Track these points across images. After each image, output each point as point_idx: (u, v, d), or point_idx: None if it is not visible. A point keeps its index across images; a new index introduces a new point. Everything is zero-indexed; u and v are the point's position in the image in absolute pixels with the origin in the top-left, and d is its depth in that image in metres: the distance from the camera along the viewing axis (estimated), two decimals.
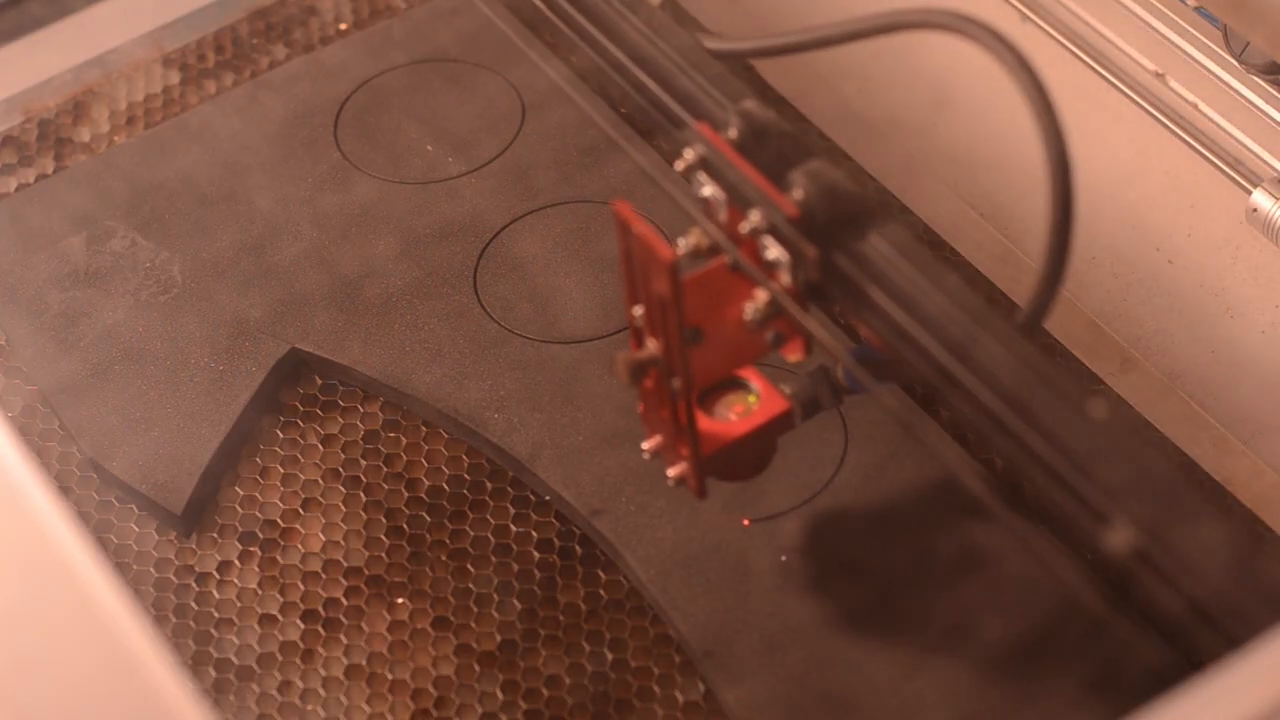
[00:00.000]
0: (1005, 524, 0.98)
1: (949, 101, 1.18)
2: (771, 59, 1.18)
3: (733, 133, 0.87)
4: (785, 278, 0.85)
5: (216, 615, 0.99)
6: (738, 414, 0.91)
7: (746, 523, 0.99)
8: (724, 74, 0.91)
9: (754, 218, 0.85)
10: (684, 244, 0.86)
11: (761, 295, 0.86)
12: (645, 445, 0.92)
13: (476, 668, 0.97)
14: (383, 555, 1.01)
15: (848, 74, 1.21)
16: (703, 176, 0.87)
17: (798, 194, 0.83)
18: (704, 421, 0.91)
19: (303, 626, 0.99)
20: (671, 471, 0.91)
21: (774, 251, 0.85)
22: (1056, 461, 0.79)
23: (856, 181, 1.15)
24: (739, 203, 0.86)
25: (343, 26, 1.25)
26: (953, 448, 1.01)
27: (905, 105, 1.20)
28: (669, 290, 0.83)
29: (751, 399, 0.92)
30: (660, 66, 0.93)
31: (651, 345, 0.87)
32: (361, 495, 1.03)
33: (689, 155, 0.87)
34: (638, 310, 0.87)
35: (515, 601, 0.99)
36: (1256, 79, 1.03)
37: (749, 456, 0.92)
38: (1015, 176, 1.15)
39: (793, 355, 0.89)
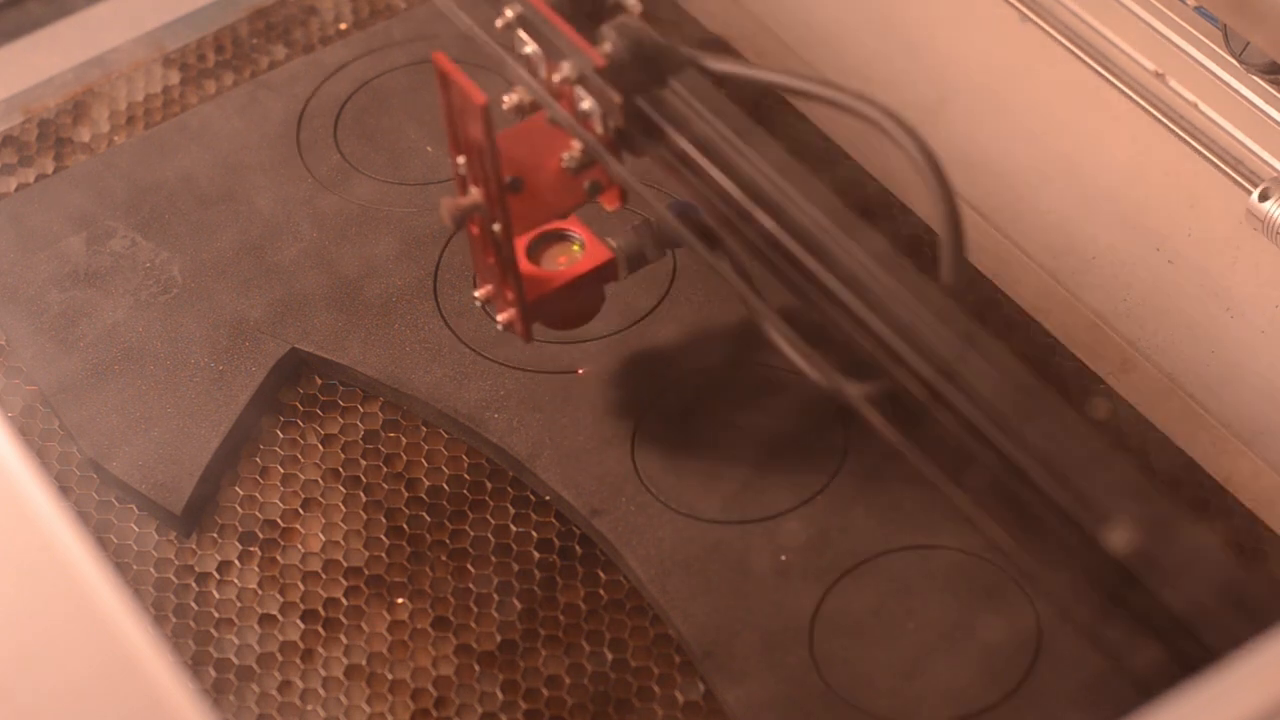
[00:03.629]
0: (1005, 523, 0.98)
1: (949, 102, 1.18)
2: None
3: None
4: (598, 127, 0.91)
5: (216, 615, 0.99)
6: (563, 264, 0.99)
7: (580, 371, 1.04)
8: None
9: (565, 69, 0.91)
10: (508, 100, 0.93)
11: (577, 144, 0.92)
12: (477, 293, 0.98)
13: (476, 668, 0.97)
14: (383, 555, 1.01)
15: (848, 74, 1.21)
16: (522, 34, 0.93)
17: (606, 47, 0.90)
18: (530, 269, 0.98)
19: (303, 626, 0.99)
20: (501, 317, 0.97)
21: (587, 102, 0.91)
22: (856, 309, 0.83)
23: (856, 178, 1.15)
24: (554, 57, 0.91)
25: (343, 26, 1.25)
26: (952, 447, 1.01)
27: (905, 105, 1.19)
28: (483, 133, 0.89)
29: (576, 248, 0.99)
30: None
31: (474, 192, 0.93)
32: (361, 495, 1.03)
33: (508, 14, 0.93)
34: (461, 160, 0.92)
35: (515, 601, 0.99)
36: (1256, 79, 1.03)
37: (574, 304, 0.99)
38: (1015, 177, 1.15)
39: (610, 204, 0.97)
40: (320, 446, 1.05)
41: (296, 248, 1.12)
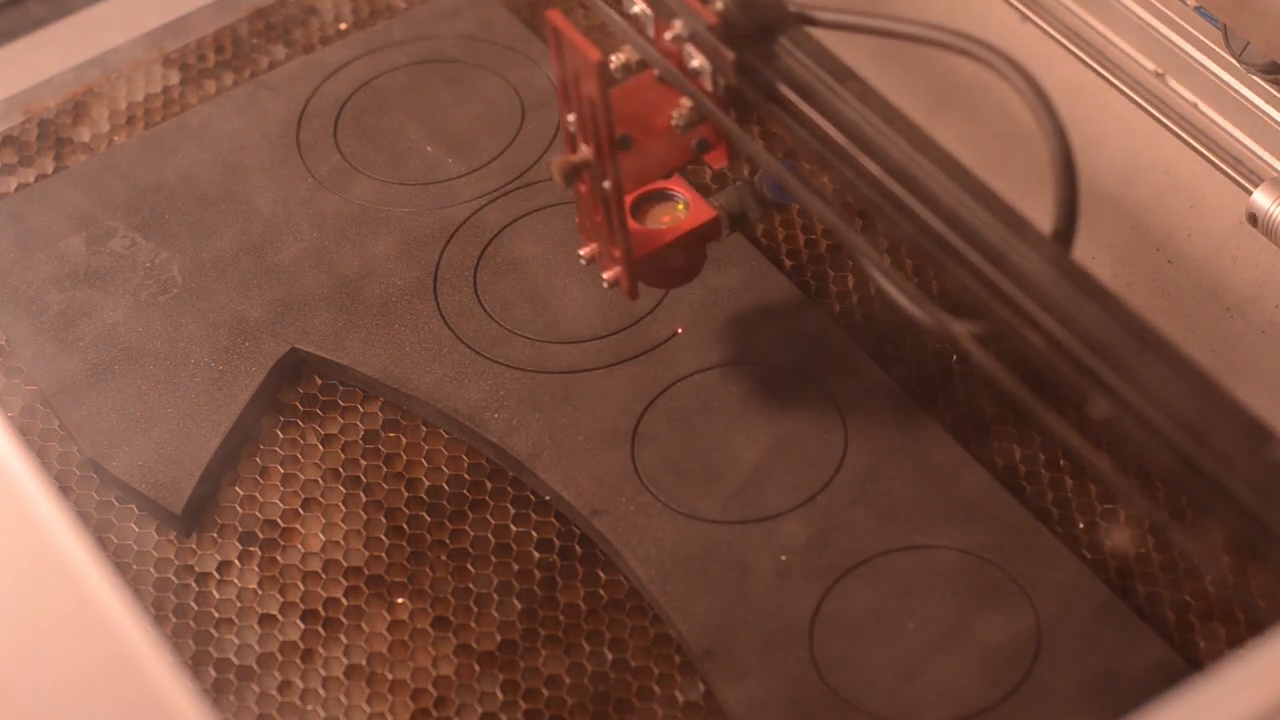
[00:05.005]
0: (1005, 524, 0.98)
1: (949, 102, 1.18)
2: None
3: None
4: (708, 85, 0.92)
5: (216, 615, 0.99)
6: (667, 223, 1.00)
7: (680, 330, 1.05)
8: None
9: (677, 26, 0.91)
10: (616, 60, 0.94)
11: (686, 102, 0.93)
12: (582, 252, 0.99)
13: (476, 668, 0.97)
14: (383, 555, 1.01)
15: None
16: None
17: (718, 4, 0.90)
18: (636, 226, 0.99)
19: (303, 626, 0.99)
20: (606, 275, 0.98)
21: (697, 60, 0.91)
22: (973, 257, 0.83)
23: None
24: (664, 15, 0.92)
25: (343, 26, 1.25)
26: (952, 447, 1.01)
27: (906, 105, 1.19)
28: (597, 90, 0.90)
29: (681, 208, 1.01)
30: None
31: (584, 150, 0.94)
32: (361, 495, 1.03)
33: None
34: (571, 117, 0.93)
35: (515, 601, 0.99)
36: (1256, 79, 1.03)
37: (679, 262, 1.00)
38: (1016, 176, 1.15)
39: (717, 162, 0.98)
40: (320, 446, 1.05)
41: (296, 248, 1.12)
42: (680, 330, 1.06)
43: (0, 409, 1.07)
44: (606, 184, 0.94)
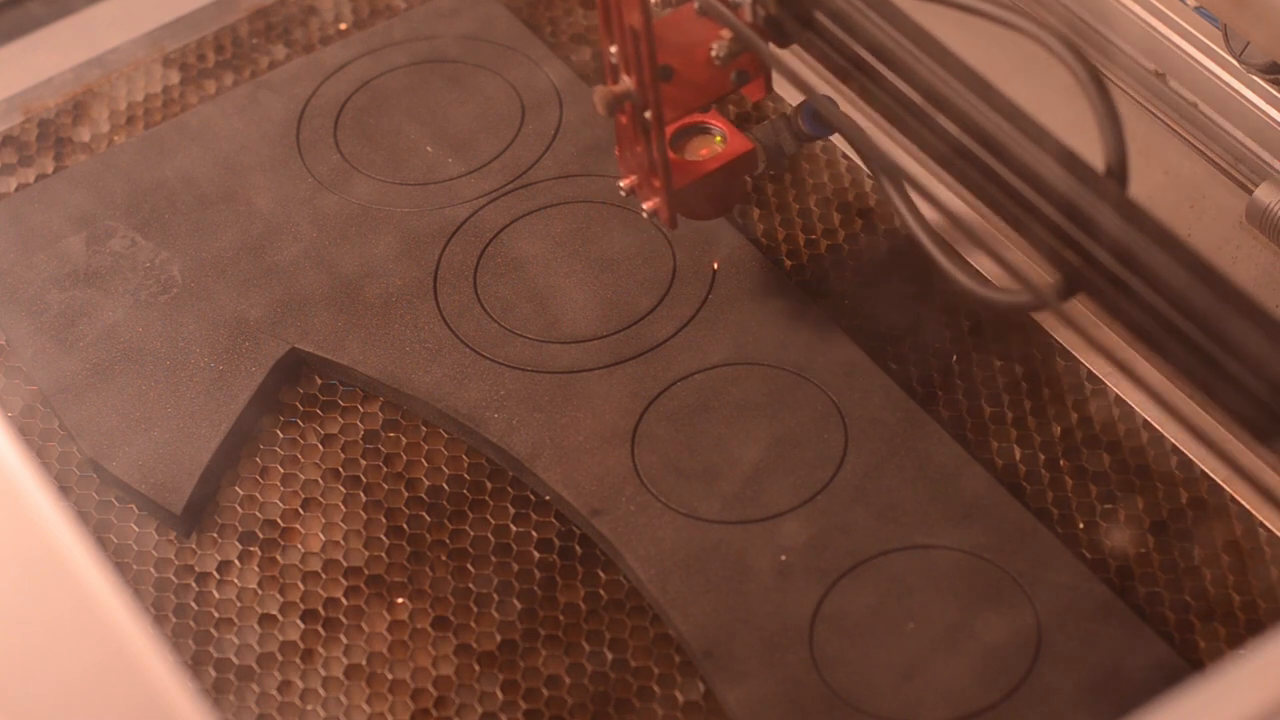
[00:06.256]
0: (1005, 524, 0.98)
1: None
2: None
3: None
4: (748, 15, 0.93)
5: (216, 615, 0.99)
6: (705, 156, 1.02)
7: (716, 265, 1.07)
8: None
9: None
10: None
11: (725, 35, 0.95)
12: (621, 183, 1.01)
13: (476, 668, 0.97)
14: (383, 555, 1.01)
15: None
16: None
17: None
18: (676, 159, 1.01)
19: (303, 626, 0.99)
20: (646, 205, 1.00)
21: None
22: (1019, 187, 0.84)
23: (860, 180, 1.15)
24: None
25: (343, 26, 1.25)
26: (952, 447, 1.01)
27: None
28: (640, 18, 0.91)
29: (718, 140, 1.03)
30: None
31: (626, 81, 0.95)
32: (361, 495, 1.03)
33: None
34: (613, 49, 0.94)
35: (515, 601, 0.99)
36: (1256, 79, 1.03)
37: (717, 193, 1.03)
38: None
39: (755, 95, 1.00)
40: (320, 446, 1.05)
41: (296, 248, 1.12)
42: (717, 265, 1.07)
43: (0, 409, 1.07)
44: (648, 114, 0.95)
